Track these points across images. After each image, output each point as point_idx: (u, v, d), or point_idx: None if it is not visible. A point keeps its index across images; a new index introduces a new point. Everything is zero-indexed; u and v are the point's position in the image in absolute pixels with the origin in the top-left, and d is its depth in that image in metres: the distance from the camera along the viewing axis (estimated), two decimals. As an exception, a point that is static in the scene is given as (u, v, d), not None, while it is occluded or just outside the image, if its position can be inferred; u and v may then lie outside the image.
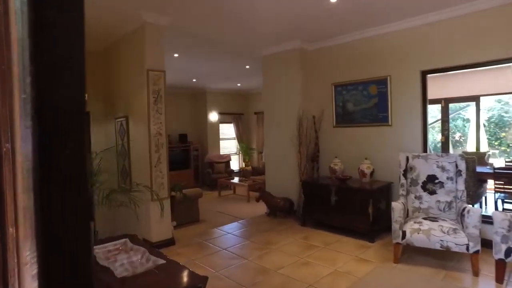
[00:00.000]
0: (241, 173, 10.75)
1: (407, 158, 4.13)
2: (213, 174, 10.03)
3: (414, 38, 4.44)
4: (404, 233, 3.50)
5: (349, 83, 5.16)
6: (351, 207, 4.47)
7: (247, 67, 7.38)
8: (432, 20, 4.24)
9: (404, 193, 4.05)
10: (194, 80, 9.05)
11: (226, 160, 10.55)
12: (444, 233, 3.33)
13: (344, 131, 5.31)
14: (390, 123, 4.72)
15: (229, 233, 4.99)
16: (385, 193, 4.61)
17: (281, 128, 5.78)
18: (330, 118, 5.45)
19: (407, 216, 3.90)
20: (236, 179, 9.16)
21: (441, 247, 3.32)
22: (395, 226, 3.55)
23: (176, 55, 6.16)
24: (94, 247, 1.90)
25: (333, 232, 4.70)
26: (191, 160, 10.31)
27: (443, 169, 3.89)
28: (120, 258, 1.69)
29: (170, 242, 4.40)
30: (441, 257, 3.68)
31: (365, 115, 5.00)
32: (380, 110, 4.81)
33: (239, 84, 9.94)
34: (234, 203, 8.05)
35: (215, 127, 10.78)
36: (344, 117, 5.27)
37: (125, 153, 4.73)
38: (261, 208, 6.13)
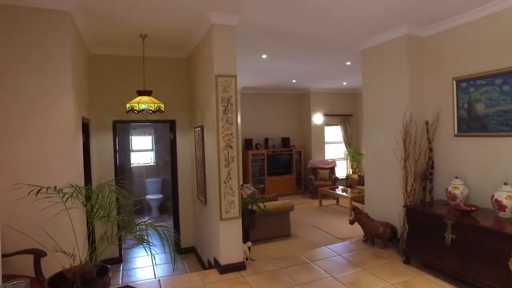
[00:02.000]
0: (347, 181, 9.67)
1: None
2: (316, 180, 9.28)
3: None
4: None
5: (479, 76, 3.72)
6: (478, 254, 3.15)
7: (348, 63, 6.39)
8: None
9: None
10: (293, 81, 8.48)
11: (331, 166, 9.62)
12: None
13: (470, 142, 3.88)
14: (548, 133, 3.16)
15: (312, 261, 4.23)
16: (537, 237, 3.09)
17: (383, 136, 4.68)
18: (450, 124, 4.08)
19: None
20: (339, 188, 8.21)
21: None
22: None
23: (264, 56, 5.71)
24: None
25: (449, 281, 3.45)
26: (293, 165, 9.82)
27: None
28: None
29: (240, 267, 3.95)
30: None
31: (505, 120, 3.50)
32: (530, 114, 3.28)
33: (344, 83, 8.90)
34: (334, 217, 7.19)
35: (320, 129, 10.00)
36: (471, 123, 3.84)
37: (202, 164, 4.50)
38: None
